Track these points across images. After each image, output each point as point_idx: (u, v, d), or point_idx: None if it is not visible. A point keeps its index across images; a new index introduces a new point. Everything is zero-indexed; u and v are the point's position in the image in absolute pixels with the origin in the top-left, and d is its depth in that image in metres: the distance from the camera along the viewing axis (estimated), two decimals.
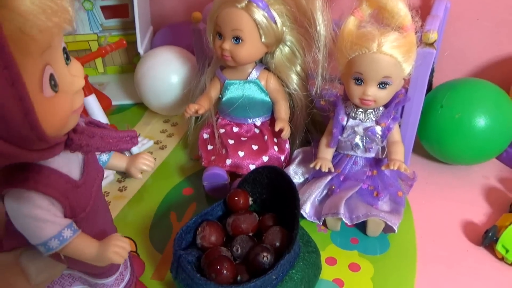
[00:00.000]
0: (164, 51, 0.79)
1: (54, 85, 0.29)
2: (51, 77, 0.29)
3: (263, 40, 0.58)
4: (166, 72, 0.76)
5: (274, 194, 0.54)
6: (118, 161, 0.45)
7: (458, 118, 0.60)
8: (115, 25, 0.94)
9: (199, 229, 0.49)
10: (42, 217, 0.33)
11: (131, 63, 0.98)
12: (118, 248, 0.36)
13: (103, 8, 0.92)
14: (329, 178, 0.59)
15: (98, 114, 0.66)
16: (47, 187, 0.33)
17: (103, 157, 0.44)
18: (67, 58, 0.32)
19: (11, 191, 0.33)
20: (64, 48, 0.32)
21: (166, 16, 0.98)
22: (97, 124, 0.39)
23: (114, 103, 0.83)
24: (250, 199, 0.54)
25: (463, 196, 0.62)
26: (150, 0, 0.93)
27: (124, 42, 0.67)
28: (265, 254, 0.44)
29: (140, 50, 0.86)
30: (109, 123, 0.69)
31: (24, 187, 0.33)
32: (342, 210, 0.54)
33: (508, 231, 0.52)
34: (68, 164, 0.36)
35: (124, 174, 0.69)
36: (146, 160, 0.46)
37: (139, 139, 0.77)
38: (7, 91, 0.25)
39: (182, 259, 0.45)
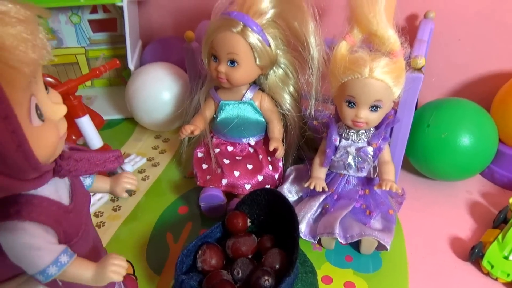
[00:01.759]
0: (156, 67, 0.79)
1: (40, 115, 0.31)
2: (37, 107, 0.30)
3: (257, 62, 0.60)
4: (158, 89, 0.77)
5: (271, 215, 0.55)
6: (102, 183, 0.46)
7: (444, 137, 0.63)
8: (103, 38, 0.94)
9: (200, 252, 0.50)
10: (38, 246, 0.34)
11: (119, 76, 0.98)
12: (116, 267, 0.37)
13: (91, 21, 0.92)
14: (323, 197, 0.61)
15: (92, 134, 0.66)
16: (40, 215, 0.34)
17: (87, 181, 0.44)
18: (46, 88, 0.33)
19: (5, 223, 0.33)
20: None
21: (154, 30, 0.98)
22: (79, 149, 0.40)
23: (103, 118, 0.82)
24: (249, 220, 0.55)
25: (449, 212, 0.65)
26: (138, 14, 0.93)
27: (118, 62, 0.67)
28: (266, 277, 0.45)
29: (131, 65, 0.85)
30: (103, 143, 0.69)
31: (17, 219, 0.33)
32: (337, 230, 0.55)
33: (492, 247, 0.55)
34: (57, 190, 0.37)
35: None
36: (129, 178, 0.47)
37: (131, 157, 0.77)
38: (1, 125, 0.26)
39: (185, 284, 0.45)
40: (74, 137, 0.67)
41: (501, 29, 0.72)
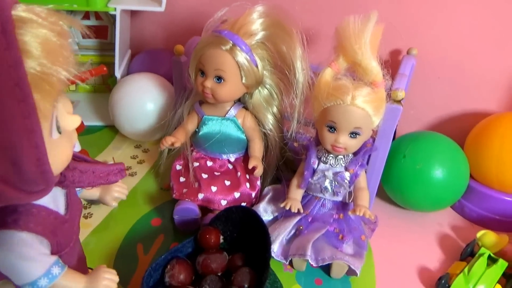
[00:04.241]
0: (142, 77, 0.79)
1: (58, 127, 0.31)
2: (56, 119, 0.30)
3: (243, 81, 0.61)
4: (142, 99, 0.77)
5: (244, 233, 0.55)
6: (92, 189, 0.46)
7: (419, 169, 0.65)
8: (92, 45, 0.94)
9: (168, 266, 0.49)
10: (32, 257, 0.33)
11: (105, 83, 0.97)
12: (108, 281, 0.36)
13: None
14: (297, 218, 0.61)
15: None
16: (38, 225, 0.34)
17: None
18: None
19: (1, 232, 0.33)
20: None
21: (144, 40, 0.99)
22: (79, 158, 0.39)
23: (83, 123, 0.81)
24: (221, 237, 0.54)
25: (419, 241, 0.66)
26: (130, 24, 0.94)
27: (105, 68, 0.67)
28: None
29: (117, 73, 0.85)
30: (80, 148, 0.68)
31: (14, 228, 0.33)
32: (309, 252, 0.56)
33: (458, 279, 0.56)
34: (55, 200, 0.36)
35: (93, 202, 0.68)
36: (119, 187, 0.47)
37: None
38: (25, 139, 0.26)
39: None
40: None
41: (478, 71, 0.76)
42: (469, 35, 0.74)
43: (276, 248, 0.59)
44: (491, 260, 0.58)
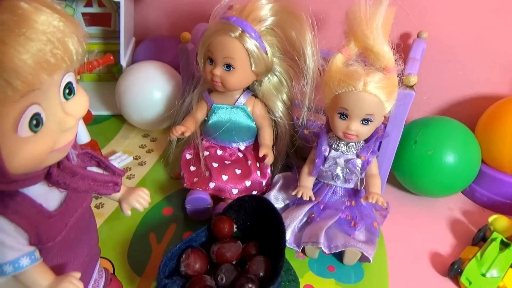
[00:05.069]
0: (148, 66, 0.78)
1: (35, 125, 0.29)
2: (35, 116, 0.29)
3: (253, 68, 0.60)
4: (149, 88, 0.76)
5: (257, 222, 0.55)
6: None
7: (430, 154, 0.64)
8: (96, 33, 0.93)
9: (184, 256, 0.50)
10: (3, 242, 0.33)
11: (109, 72, 0.96)
12: (71, 286, 0.35)
13: (84, 15, 0.90)
14: (309, 206, 0.61)
15: (80, 129, 0.65)
16: (15, 214, 0.33)
17: None
18: (69, 93, 0.32)
19: None
20: (68, 83, 0.31)
21: (149, 28, 0.98)
22: (92, 155, 0.39)
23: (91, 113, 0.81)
24: (235, 226, 0.54)
25: (431, 227, 0.66)
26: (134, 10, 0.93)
27: (112, 57, 0.66)
28: (250, 285, 0.45)
29: (123, 62, 0.84)
30: (90, 139, 0.68)
31: None
32: (322, 239, 0.56)
33: (471, 264, 0.56)
34: (47, 193, 0.35)
35: None
36: (142, 198, 0.44)
37: (117, 154, 0.76)
38: None
39: None
40: None
41: (489, 54, 0.75)
42: (480, 17, 0.72)
43: (288, 236, 0.59)
44: (504, 245, 0.58)
